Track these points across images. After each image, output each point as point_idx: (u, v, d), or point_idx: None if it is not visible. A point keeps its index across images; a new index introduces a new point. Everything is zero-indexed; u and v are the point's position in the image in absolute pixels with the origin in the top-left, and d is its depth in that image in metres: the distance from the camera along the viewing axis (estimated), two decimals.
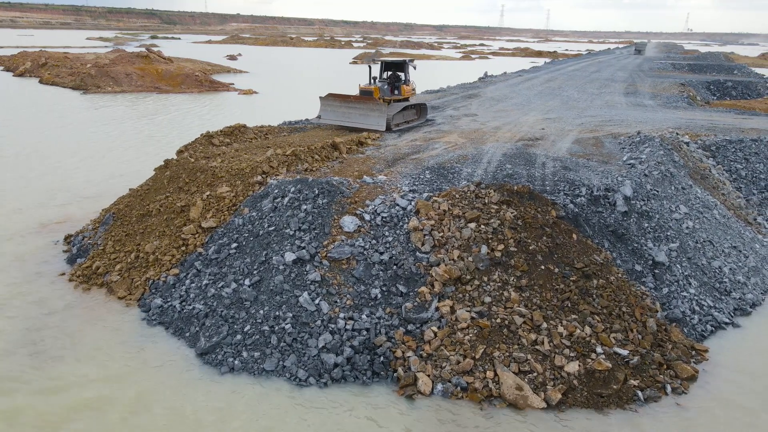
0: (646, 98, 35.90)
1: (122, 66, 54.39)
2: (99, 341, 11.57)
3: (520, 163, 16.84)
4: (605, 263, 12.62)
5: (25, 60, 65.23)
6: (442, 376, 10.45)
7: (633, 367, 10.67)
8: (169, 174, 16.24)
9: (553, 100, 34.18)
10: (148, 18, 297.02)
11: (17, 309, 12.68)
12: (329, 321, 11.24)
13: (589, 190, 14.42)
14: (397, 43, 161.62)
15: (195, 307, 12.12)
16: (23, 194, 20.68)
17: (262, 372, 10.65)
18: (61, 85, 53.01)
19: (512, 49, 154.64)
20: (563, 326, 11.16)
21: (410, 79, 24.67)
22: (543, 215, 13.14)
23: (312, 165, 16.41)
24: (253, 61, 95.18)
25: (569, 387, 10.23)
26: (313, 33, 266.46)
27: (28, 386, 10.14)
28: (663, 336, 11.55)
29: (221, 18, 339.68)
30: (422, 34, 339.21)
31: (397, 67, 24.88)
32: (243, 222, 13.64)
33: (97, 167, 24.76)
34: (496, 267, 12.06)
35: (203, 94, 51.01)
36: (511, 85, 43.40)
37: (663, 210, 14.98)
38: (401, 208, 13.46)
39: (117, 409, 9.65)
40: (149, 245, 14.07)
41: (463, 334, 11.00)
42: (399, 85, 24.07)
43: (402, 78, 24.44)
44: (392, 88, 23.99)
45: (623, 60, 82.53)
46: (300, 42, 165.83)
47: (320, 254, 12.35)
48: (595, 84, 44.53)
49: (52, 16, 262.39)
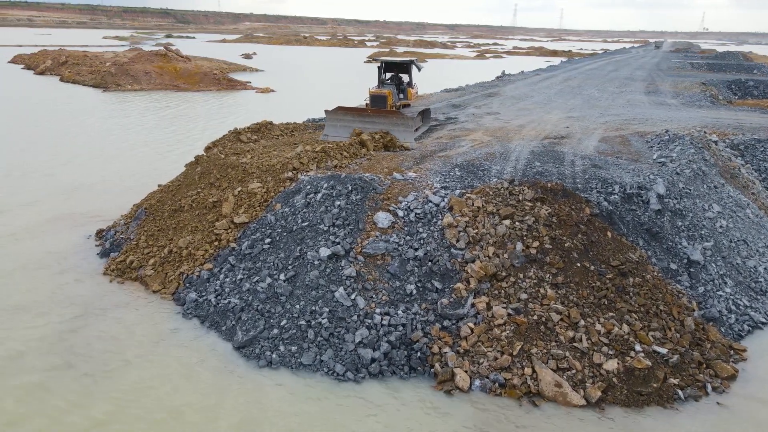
0: (668, 97, 35.58)
1: (141, 64, 54.88)
2: (137, 333, 11.69)
3: (548, 161, 16.75)
4: (641, 261, 12.53)
5: (45, 58, 66.06)
6: (479, 372, 10.44)
7: (672, 366, 10.58)
8: (199, 170, 16.38)
9: (575, 98, 33.97)
10: (162, 17, 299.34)
11: (55, 303, 12.85)
12: (365, 316, 11.27)
13: (622, 188, 14.32)
14: (410, 42, 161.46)
15: (230, 301, 12.20)
16: (52, 191, 20.95)
17: (299, 366, 10.70)
18: (81, 83, 53.60)
19: (526, 49, 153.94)
20: (601, 324, 11.10)
21: (414, 81, 22.65)
22: (577, 213, 13.08)
23: (341, 162, 16.45)
24: (268, 59, 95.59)
25: (609, 385, 10.17)
26: (325, 32, 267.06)
27: (71, 371, 10.29)
28: (701, 335, 11.45)
29: (235, 17, 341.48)
30: (434, 33, 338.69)
31: (400, 68, 22.64)
32: (276, 218, 13.72)
33: (123, 164, 25.01)
34: (531, 264, 12.02)
35: (221, 92, 51.33)
36: (530, 83, 43.20)
37: (696, 208, 14.85)
38: (434, 204, 13.46)
39: (156, 398, 9.75)
40: (182, 240, 14.20)
41: (500, 330, 10.99)
42: (404, 89, 21.96)
43: (405, 80, 22.27)
44: (397, 92, 21.84)
45: (640, 59, 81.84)
46: (313, 41, 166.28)
47: (355, 250, 12.39)
48: (614, 83, 44.20)
49: (68, 16, 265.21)
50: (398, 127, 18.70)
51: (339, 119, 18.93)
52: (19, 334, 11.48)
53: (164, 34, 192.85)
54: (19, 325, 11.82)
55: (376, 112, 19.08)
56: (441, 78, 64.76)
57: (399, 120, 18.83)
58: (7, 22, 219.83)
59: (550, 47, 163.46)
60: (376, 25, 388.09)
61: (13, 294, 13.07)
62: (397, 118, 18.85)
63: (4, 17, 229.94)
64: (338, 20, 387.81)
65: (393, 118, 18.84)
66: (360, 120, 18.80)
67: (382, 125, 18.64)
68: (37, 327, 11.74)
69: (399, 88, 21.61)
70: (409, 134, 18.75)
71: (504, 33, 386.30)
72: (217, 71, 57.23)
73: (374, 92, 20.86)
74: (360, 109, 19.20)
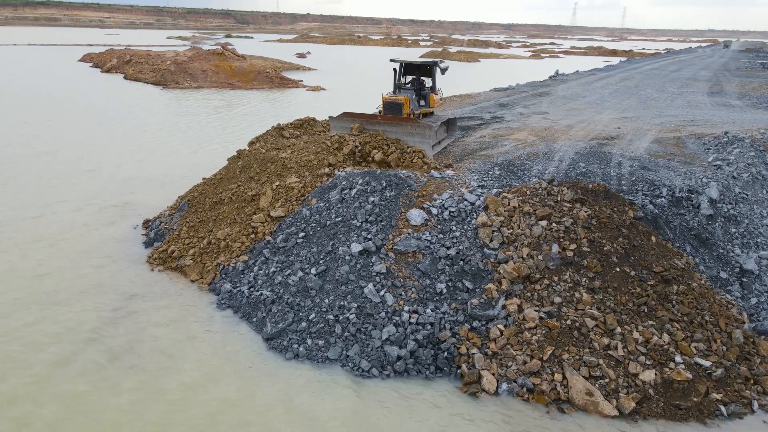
0: (733, 98, 33.66)
1: (199, 62, 56.77)
2: (171, 322, 12.04)
3: (594, 161, 16.15)
4: (687, 268, 11.86)
5: (111, 57, 69.39)
6: (507, 375, 10.16)
7: (716, 380, 9.96)
8: (241, 164, 16.72)
9: (630, 98, 32.67)
10: (223, 18, 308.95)
11: (95, 291, 13.40)
12: (393, 313, 11.18)
13: (671, 191, 13.62)
14: (464, 42, 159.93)
15: (262, 294, 12.38)
16: (109, 183, 21.92)
17: (325, 360, 10.73)
18: (143, 80, 55.93)
19: (584, 48, 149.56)
20: (639, 332, 10.57)
21: (438, 86, 19.48)
22: (619, 215, 12.52)
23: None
24: (321, 58, 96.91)
25: (644, 396, 9.67)
26: (380, 32, 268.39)
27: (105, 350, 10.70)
28: (750, 349, 10.72)
29: (292, 17, 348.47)
30: (490, 33, 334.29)
31: (422, 71, 19.26)
32: (311, 212, 13.82)
33: (175, 157, 25.91)
34: (567, 267, 11.59)
35: (273, 90, 52.39)
36: (584, 83, 41.88)
37: (753, 215, 13.94)
38: (469, 203, 13.21)
39: (181, 386, 9.99)
40: (221, 232, 14.53)
41: (531, 334, 10.65)
42: (426, 94, 18.76)
43: (428, 85, 19.24)
44: (417, 98, 18.73)
45: (706, 59, 77.95)
46: (367, 41, 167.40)
47: (386, 246, 12.31)
48: (675, 83, 42.25)
49: (136, 17, 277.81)
50: (412, 137, 16.11)
51: (345, 127, 16.85)
52: (59, 321, 12.03)
53: (224, 34, 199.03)
54: (61, 311, 12.37)
55: (388, 119, 16.55)
56: (492, 77, 63.82)
57: (412, 128, 16.15)
58: (80, 23, 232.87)
59: (609, 47, 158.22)
60: (431, 25, 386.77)
61: (58, 282, 13.70)
62: (410, 126, 16.20)
63: (78, 18, 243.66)
64: (393, 20, 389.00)
65: (406, 126, 16.24)
66: (371, 127, 16.57)
67: (393, 132, 16.24)
68: (75, 314, 12.26)
69: (420, 94, 18.73)
70: (427, 146, 16.14)
71: (562, 32, 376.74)
72: (271, 70, 58.47)
73: (388, 98, 17.70)
74: (369, 116, 16.90)
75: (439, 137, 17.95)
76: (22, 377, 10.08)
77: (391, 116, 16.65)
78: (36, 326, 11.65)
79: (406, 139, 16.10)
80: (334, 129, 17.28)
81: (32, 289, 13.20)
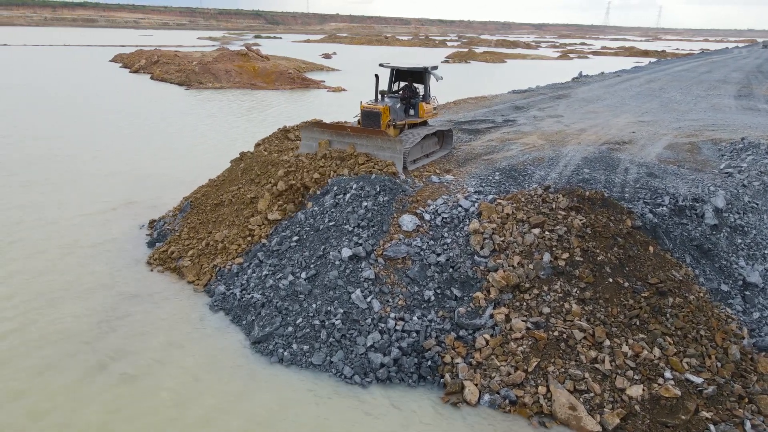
0: (761, 102, 32.52)
1: (223, 63, 57.58)
2: (164, 322, 12.20)
3: (599, 167, 15.77)
4: (685, 280, 11.48)
5: (140, 58, 70.95)
6: (490, 386, 9.98)
7: (707, 398, 9.60)
8: (243, 166, 16.86)
9: (651, 102, 31.86)
10: (254, 18, 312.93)
11: (92, 289, 13.67)
12: (379, 320, 11.11)
13: (674, 200, 13.21)
14: (492, 42, 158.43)
15: (253, 297, 12.45)
16: (118, 180, 22.39)
17: (309, 365, 10.72)
18: (168, 81, 57.03)
19: (615, 49, 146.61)
20: (629, 345, 10.27)
21: (431, 94, 17.86)
22: (616, 224, 12.19)
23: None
24: (347, 59, 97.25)
25: (630, 412, 9.39)
26: (408, 32, 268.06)
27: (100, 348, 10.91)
28: (747, 365, 10.30)
29: (321, 18, 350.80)
30: (520, 33, 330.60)
31: (413, 77, 17.72)
32: (305, 216, 13.85)
33: (190, 158, 26.32)
34: (558, 276, 11.34)
35: (295, 91, 52.78)
36: (607, 85, 41.02)
37: (762, 225, 13.41)
38: (464, 209, 13.04)
39: (167, 387, 10.11)
40: (219, 233, 14.67)
41: (517, 344, 10.45)
42: (416, 103, 17.22)
43: (420, 92, 17.70)
44: (406, 107, 17.18)
45: (741, 60, 75.53)
46: (394, 41, 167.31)
47: (376, 252, 12.25)
48: (702, 85, 41.04)
49: (170, 18, 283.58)
50: (382, 151, 14.87)
51: (314, 137, 15.83)
52: (55, 318, 12.32)
53: (254, 34, 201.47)
54: (58, 309, 12.66)
55: (357, 131, 15.24)
56: (513, 79, 63.09)
57: (382, 142, 14.80)
58: (116, 24, 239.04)
59: (641, 47, 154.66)
60: (460, 25, 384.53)
61: (59, 279, 14.03)
62: (380, 140, 14.83)
63: (114, 19, 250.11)
64: (422, 20, 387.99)
65: (376, 139, 14.88)
66: (340, 139, 15.45)
67: (363, 146, 15.08)
68: (72, 313, 12.53)
69: (409, 103, 17.24)
70: (398, 161, 14.78)
71: (594, 32, 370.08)
72: (293, 70, 58.92)
73: (366, 107, 16.19)
74: (338, 126, 15.95)
75: (425, 151, 16.89)
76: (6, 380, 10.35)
77: (360, 128, 15.53)
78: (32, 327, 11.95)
79: (376, 153, 14.93)
80: (304, 139, 16.14)
81: (32, 289, 13.54)
